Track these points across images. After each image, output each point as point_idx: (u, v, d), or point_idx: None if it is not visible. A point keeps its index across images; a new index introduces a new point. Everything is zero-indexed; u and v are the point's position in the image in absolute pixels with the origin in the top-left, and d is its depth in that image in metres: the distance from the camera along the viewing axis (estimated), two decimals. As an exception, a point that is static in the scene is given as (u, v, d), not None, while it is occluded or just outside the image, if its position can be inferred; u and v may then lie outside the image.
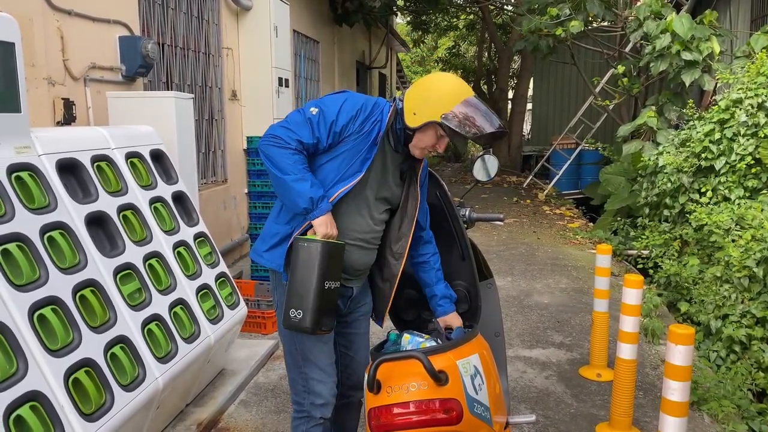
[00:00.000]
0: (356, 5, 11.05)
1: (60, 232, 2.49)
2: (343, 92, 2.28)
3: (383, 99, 2.32)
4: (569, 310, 5.20)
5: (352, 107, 2.20)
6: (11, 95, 2.46)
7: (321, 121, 2.16)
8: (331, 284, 2.14)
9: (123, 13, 4.47)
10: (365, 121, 2.21)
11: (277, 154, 2.13)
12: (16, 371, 2.05)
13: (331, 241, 2.14)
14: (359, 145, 2.21)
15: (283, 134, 2.15)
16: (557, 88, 15.51)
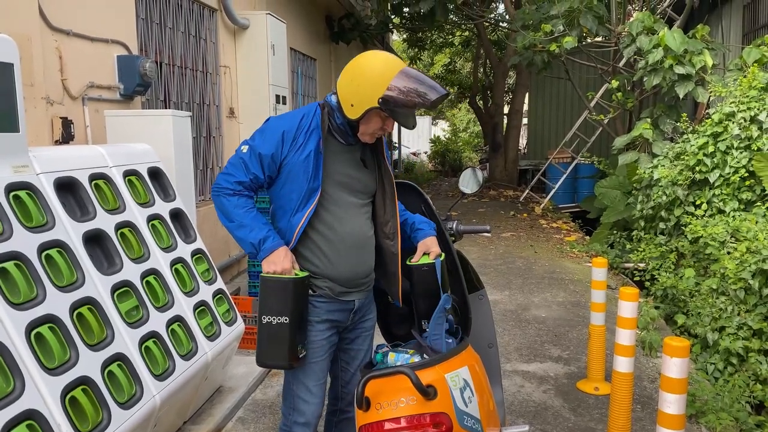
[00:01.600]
0: (353, 23, 11.16)
1: (58, 250, 2.51)
2: (266, 120, 2.30)
3: (314, 104, 2.29)
4: (567, 324, 5.21)
5: (275, 132, 2.21)
6: (9, 115, 2.48)
7: (252, 157, 2.21)
8: (272, 319, 2.14)
9: (121, 32, 4.51)
10: (296, 137, 2.21)
11: (220, 203, 2.24)
12: (13, 390, 2.05)
13: (269, 276, 2.16)
14: (305, 161, 2.20)
15: (223, 180, 2.24)
16: (552, 102, 15.61)
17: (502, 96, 16.45)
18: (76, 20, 4.02)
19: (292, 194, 2.23)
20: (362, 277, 2.38)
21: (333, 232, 2.28)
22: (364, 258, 2.36)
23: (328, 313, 2.34)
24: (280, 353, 2.18)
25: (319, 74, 10.24)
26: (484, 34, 15.03)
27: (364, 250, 2.35)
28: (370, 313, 2.52)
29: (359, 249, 2.33)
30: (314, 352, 2.32)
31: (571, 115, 14.57)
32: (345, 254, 2.30)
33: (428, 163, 23.37)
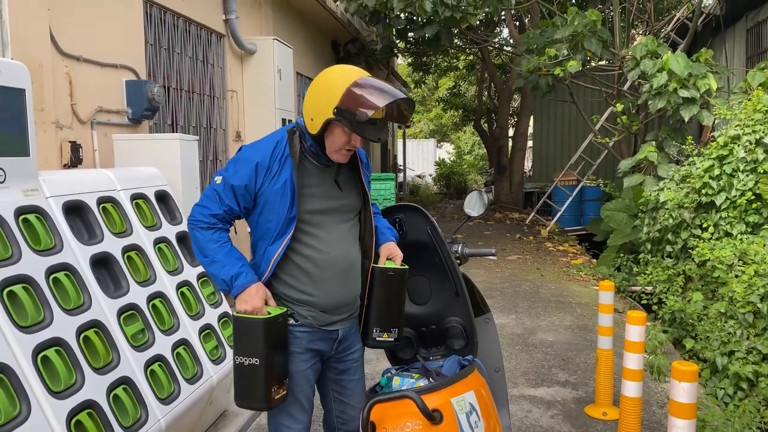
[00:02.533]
0: (358, 47, 11.29)
1: (65, 273, 2.52)
2: (239, 149, 2.24)
3: (283, 129, 2.25)
4: (574, 348, 5.17)
5: (248, 163, 2.14)
6: (20, 140, 2.52)
7: (225, 189, 2.15)
8: (244, 360, 2.06)
9: (130, 58, 4.58)
10: (270, 166, 2.14)
11: (195, 236, 2.18)
12: (19, 413, 2.05)
13: (240, 316, 2.09)
14: (281, 189, 2.14)
15: (197, 213, 2.18)
16: (557, 125, 15.67)
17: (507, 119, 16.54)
18: (86, 46, 4.09)
19: (269, 223, 2.17)
20: (349, 303, 2.29)
21: (320, 256, 2.20)
22: (351, 282, 2.29)
23: (310, 342, 2.24)
24: (256, 395, 2.09)
25: (325, 98, 10.32)
26: (488, 58, 15.16)
27: (351, 274, 2.28)
28: (356, 344, 2.40)
29: (346, 273, 2.26)
30: (297, 381, 2.23)
31: (576, 137, 14.61)
32: (332, 279, 2.22)
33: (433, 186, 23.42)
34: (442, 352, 2.58)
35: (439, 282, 2.58)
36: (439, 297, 2.56)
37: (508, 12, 12.90)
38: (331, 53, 10.90)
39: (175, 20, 5.39)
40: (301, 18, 8.91)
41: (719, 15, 9.09)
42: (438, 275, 2.58)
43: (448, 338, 2.56)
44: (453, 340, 2.54)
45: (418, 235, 2.56)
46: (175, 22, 5.40)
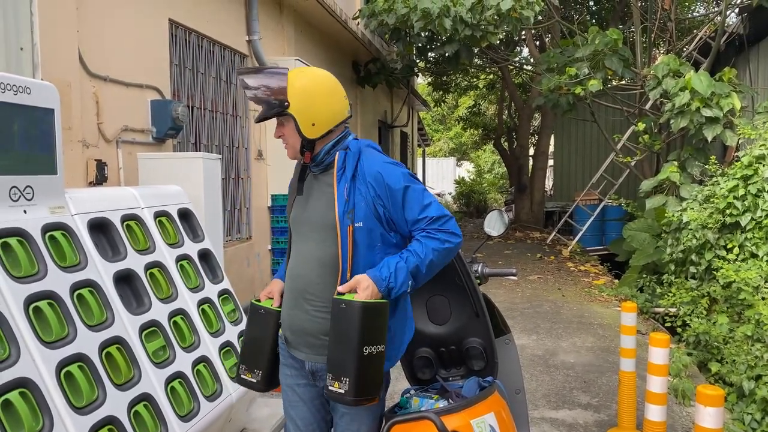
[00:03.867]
0: (378, 67, 11.38)
1: (89, 290, 2.55)
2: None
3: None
4: (596, 370, 5.09)
5: None
6: (49, 158, 2.57)
7: None
8: None
9: (155, 78, 4.67)
10: None
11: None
12: (42, 428, 2.07)
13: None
14: None
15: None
16: (578, 144, 15.60)
17: (528, 138, 16.51)
18: (113, 66, 4.18)
19: None
20: (301, 331, 2.13)
21: (288, 268, 2.21)
22: (303, 308, 2.11)
23: (285, 358, 2.24)
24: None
25: (345, 117, 10.40)
26: (508, 76, 15.19)
27: (302, 299, 2.11)
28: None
29: (297, 295, 2.13)
30: (283, 393, 2.28)
31: (598, 157, 14.53)
32: (288, 297, 2.17)
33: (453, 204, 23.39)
34: (462, 372, 2.56)
35: (459, 302, 2.56)
36: (458, 317, 2.55)
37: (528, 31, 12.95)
38: (351, 73, 11.00)
39: (200, 41, 5.49)
40: (322, 38, 9.03)
41: (743, 34, 9.02)
42: (457, 295, 2.57)
43: (467, 359, 2.54)
44: (473, 361, 2.52)
45: None
46: (200, 43, 5.50)
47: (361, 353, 1.88)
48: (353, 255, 2.03)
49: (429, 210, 2.04)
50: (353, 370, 1.88)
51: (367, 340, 1.89)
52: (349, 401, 1.90)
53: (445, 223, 2.05)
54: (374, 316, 1.91)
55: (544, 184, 15.74)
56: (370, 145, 2.18)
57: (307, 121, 2.06)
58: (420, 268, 2.00)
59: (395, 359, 2.13)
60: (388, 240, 2.08)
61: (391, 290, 1.96)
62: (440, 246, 2.02)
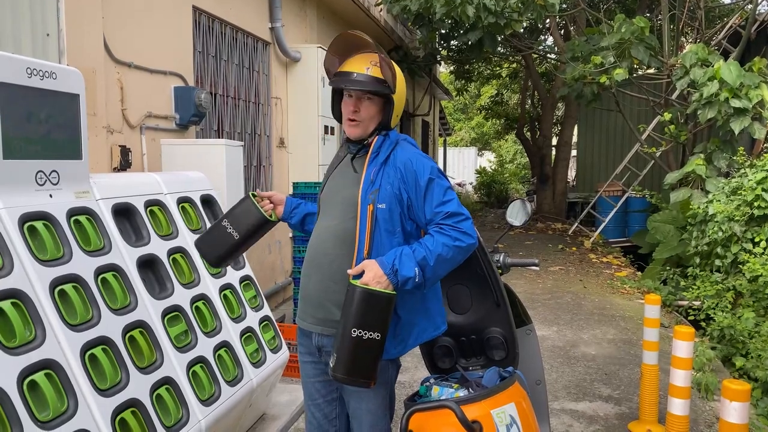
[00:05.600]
0: (401, 55, 11.32)
1: (113, 274, 2.58)
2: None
3: None
4: (617, 362, 5.04)
5: None
6: (74, 143, 2.60)
7: None
8: None
9: (179, 65, 4.69)
10: None
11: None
12: (67, 409, 2.11)
13: None
14: None
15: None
16: (602, 134, 15.39)
17: (551, 128, 16.32)
18: (137, 53, 4.20)
19: None
20: (314, 301, 2.21)
21: (310, 242, 2.28)
22: (317, 278, 2.20)
23: (299, 337, 2.36)
24: None
25: (367, 105, 10.38)
26: (532, 65, 15.01)
27: (319, 269, 2.20)
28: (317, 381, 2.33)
29: (313, 264, 2.22)
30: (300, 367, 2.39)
31: (622, 147, 14.32)
32: (306, 267, 2.26)
33: (473, 194, 23.27)
34: (482, 362, 2.55)
35: (480, 292, 2.55)
36: (479, 307, 2.54)
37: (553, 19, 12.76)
38: (373, 61, 10.96)
39: (223, 28, 5.50)
40: (344, 26, 8.99)
41: (774, 22, 8.80)
42: (478, 285, 2.55)
43: (488, 349, 2.53)
44: (493, 351, 2.51)
45: None
46: (223, 30, 5.51)
47: (349, 334, 1.94)
48: (372, 235, 2.10)
49: (448, 206, 2.08)
50: (338, 349, 1.97)
51: (358, 323, 1.94)
52: (335, 377, 1.98)
53: (460, 222, 2.06)
54: (371, 303, 1.95)
55: (567, 174, 15.57)
56: (407, 139, 2.27)
57: (398, 111, 2.22)
58: (428, 260, 2.01)
59: (399, 352, 2.16)
60: (405, 227, 2.14)
61: (397, 275, 1.98)
62: (451, 242, 2.03)
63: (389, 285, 1.98)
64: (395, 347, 2.14)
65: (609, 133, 15.25)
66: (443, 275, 2.09)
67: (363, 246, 2.10)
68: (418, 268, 2.00)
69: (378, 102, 2.17)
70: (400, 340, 2.15)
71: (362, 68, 2.13)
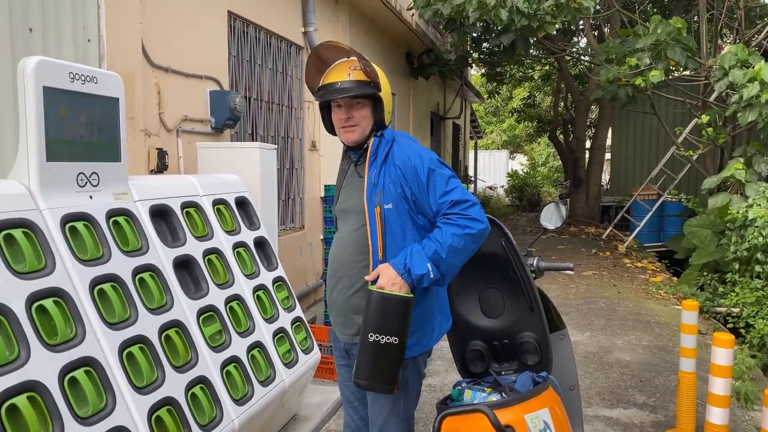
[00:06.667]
0: (432, 58, 11.31)
1: (150, 274, 2.63)
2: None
3: None
4: (652, 369, 4.95)
5: None
6: (113, 146, 2.66)
7: None
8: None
9: (214, 69, 4.76)
10: None
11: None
12: (105, 406, 2.15)
13: None
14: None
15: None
16: (637, 137, 15.13)
17: (584, 130, 16.11)
18: (174, 58, 4.28)
19: None
20: (339, 310, 2.25)
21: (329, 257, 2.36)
22: (339, 287, 2.24)
23: (333, 341, 2.42)
24: None
25: (397, 108, 10.40)
26: (565, 68, 14.85)
27: (339, 280, 2.24)
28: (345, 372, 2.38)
29: (334, 275, 2.28)
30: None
31: (657, 150, 14.07)
32: (329, 278, 2.32)
33: (505, 198, 23.08)
34: (515, 367, 2.53)
35: (513, 295, 2.53)
36: (512, 311, 2.52)
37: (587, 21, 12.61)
38: (405, 64, 10.97)
39: (257, 33, 5.57)
40: (376, 30, 9.03)
41: (818, 22, 8.54)
42: (512, 289, 2.53)
43: (521, 353, 2.51)
44: (526, 356, 2.49)
45: (492, 247, 2.53)
46: (257, 35, 5.58)
47: (366, 339, 1.96)
48: (383, 236, 2.12)
49: (452, 194, 2.07)
50: (358, 355, 2.00)
51: (374, 327, 1.95)
52: (357, 383, 2.00)
53: (468, 208, 2.04)
54: (386, 307, 1.95)
55: (601, 178, 15.34)
56: (404, 135, 2.29)
57: (388, 107, 2.24)
58: (439, 253, 2.00)
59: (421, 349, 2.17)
60: (417, 222, 2.15)
61: (411, 274, 1.99)
62: (460, 231, 2.01)
63: (405, 286, 1.99)
64: (416, 344, 2.14)
65: (644, 136, 14.98)
66: (459, 266, 2.08)
67: (377, 249, 2.12)
68: (431, 263, 2.00)
69: (367, 104, 2.20)
70: (420, 336, 2.16)
71: (344, 75, 2.16)
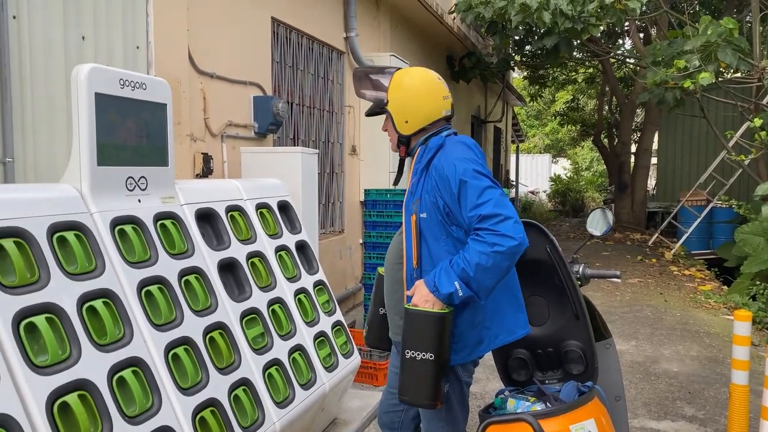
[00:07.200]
0: (473, 61, 11.24)
1: (196, 276, 2.67)
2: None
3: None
4: (702, 381, 4.79)
5: None
6: (161, 151, 2.72)
7: None
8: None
9: (258, 75, 4.83)
10: None
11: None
12: (151, 406, 2.19)
13: None
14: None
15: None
16: (685, 141, 14.74)
17: (630, 134, 15.77)
18: (219, 64, 4.36)
19: None
20: (389, 306, 2.39)
21: None
22: (390, 286, 2.38)
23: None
24: None
25: (439, 112, 10.36)
26: (610, 70, 14.57)
27: (390, 279, 2.38)
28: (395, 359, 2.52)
29: (388, 274, 2.39)
30: None
31: (706, 155, 13.68)
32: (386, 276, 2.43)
33: (547, 203, 22.75)
34: (559, 376, 2.48)
35: (558, 303, 2.48)
36: (557, 319, 2.47)
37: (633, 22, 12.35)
38: (445, 68, 10.93)
39: (300, 38, 5.63)
40: (417, 33, 9.02)
41: None
42: (556, 296, 2.49)
43: (565, 362, 2.46)
44: (571, 365, 2.44)
45: (537, 253, 2.49)
46: (299, 40, 5.63)
47: (404, 355, 2.03)
48: (419, 245, 2.15)
49: (482, 208, 1.98)
50: (400, 372, 2.06)
51: (410, 344, 2.01)
52: (401, 400, 2.07)
53: (498, 224, 1.94)
54: (419, 323, 1.98)
55: (647, 183, 14.99)
56: (456, 142, 2.19)
57: (401, 118, 2.27)
58: (467, 271, 1.95)
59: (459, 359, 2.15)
60: (452, 233, 2.11)
61: (440, 291, 1.99)
62: (488, 249, 1.92)
63: (437, 303, 1.98)
64: (456, 354, 2.13)
65: (692, 140, 14.59)
66: (494, 283, 2.00)
67: (411, 256, 2.17)
68: (459, 281, 1.96)
69: (388, 119, 2.34)
70: (461, 347, 2.13)
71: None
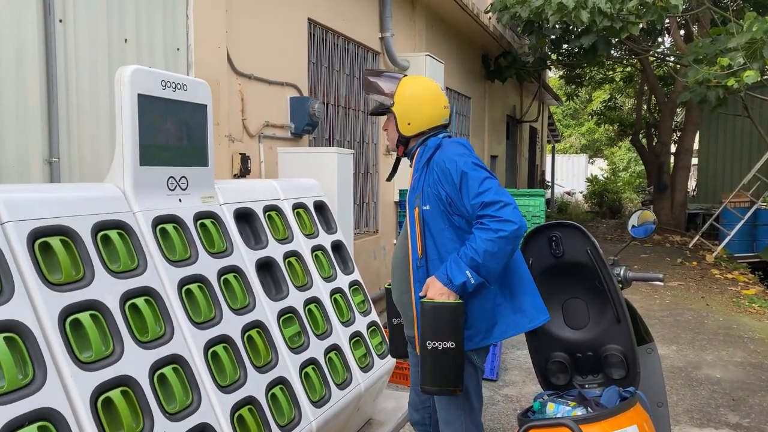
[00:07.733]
0: (509, 60, 11.14)
1: (234, 275, 2.70)
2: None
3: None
4: (746, 388, 4.65)
5: None
6: (201, 151, 2.75)
7: None
8: None
9: (295, 76, 4.87)
10: None
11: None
12: (191, 403, 2.22)
13: None
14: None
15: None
16: (727, 141, 14.34)
17: (669, 134, 15.41)
18: (257, 65, 4.40)
19: None
20: (397, 295, 2.50)
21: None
22: (398, 276, 2.47)
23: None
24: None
25: (472, 112, 10.30)
26: (649, 69, 14.27)
27: (397, 270, 2.48)
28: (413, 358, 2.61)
29: (396, 265, 2.49)
30: None
31: (750, 155, 13.29)
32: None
33: (584, 204, 22.40)
34: (599, 380, 2.44)
35: (598, 306, 2.44)
36: (597, 322, 2.42)
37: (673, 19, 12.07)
38: (481, 67, 10.86)
39: (335, 39, 5.65)
40: (452, 33, 8.98)
41: None
42: (597, 299, 2.44)
43: (606, 367, 2.41)
44: (612, 369, 2.39)
45: (576, 255, 2.44)
46: (335, 41, 5.66)
47: (425, 347, 2.13)
48: (423, 236, 2.30)
49: (484, 195, 2.13)
50: (421, 364, 2.18)
51: (431, 335, 2.11)
52: (424, 390, 2.19)
53: (499, 210, 2.09)
54: (438, 315, 2.10)
55: (687, 184, 14.63)
56: (453, 142, 2.36)
57: (405, 120, 2.43)
58: (476, 259, 2.10)
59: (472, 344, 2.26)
60: (454, 223, 2.26)
61: (453, 283, 2.12)
62: (493, 236, 2.08)
63: (452, 294, 2.13)
64: (469, 340, 2.25)
65: (735, 140, 14.19)
66: (500, 268, 2.15)
67: (416, 247, 2.31)
68: (470, 270, 2.11)
69: (392, 117, 2.46)
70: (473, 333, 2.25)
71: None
